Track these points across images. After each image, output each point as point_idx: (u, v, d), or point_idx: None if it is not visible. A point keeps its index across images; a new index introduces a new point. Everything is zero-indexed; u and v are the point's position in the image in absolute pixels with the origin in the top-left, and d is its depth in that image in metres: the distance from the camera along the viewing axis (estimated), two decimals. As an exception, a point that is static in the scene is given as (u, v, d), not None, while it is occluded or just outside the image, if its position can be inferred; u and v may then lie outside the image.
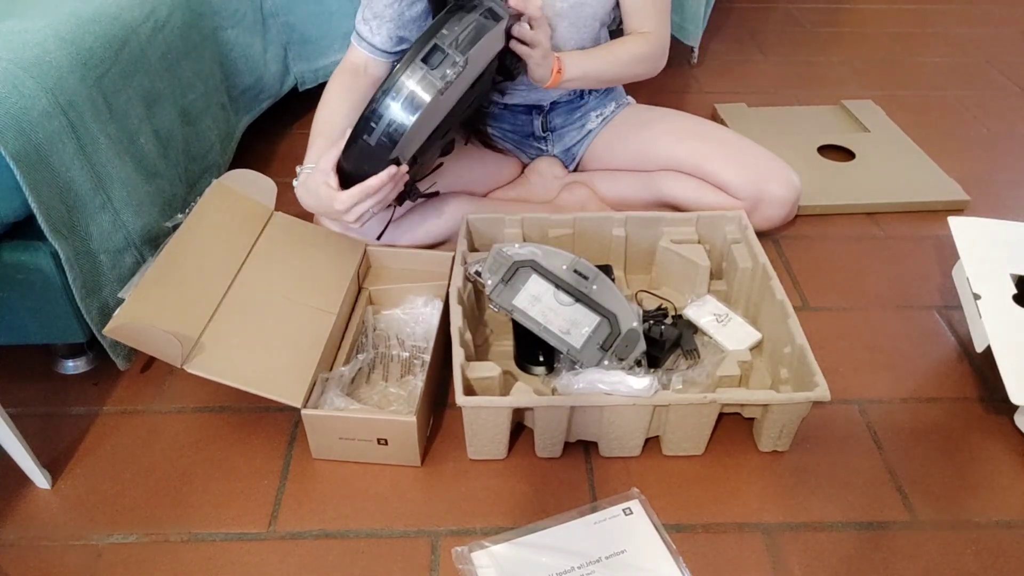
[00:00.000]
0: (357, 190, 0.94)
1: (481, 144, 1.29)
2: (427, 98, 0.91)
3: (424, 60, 0.92)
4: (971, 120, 1.67)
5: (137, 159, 1.03)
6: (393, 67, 0.96)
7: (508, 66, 1.08)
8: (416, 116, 0.91)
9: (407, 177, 0.99)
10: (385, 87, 0.92)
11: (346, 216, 0.96)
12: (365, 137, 0.93)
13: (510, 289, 0.97)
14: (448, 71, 0.92)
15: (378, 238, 1.13)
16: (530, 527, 0.85)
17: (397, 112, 0.91)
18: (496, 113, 1.30)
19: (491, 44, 0.99)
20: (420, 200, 1.19)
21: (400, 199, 1.06)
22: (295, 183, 1.05)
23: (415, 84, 0.91)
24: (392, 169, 0.94)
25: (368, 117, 0.92)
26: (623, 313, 0.95)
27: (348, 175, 0.97)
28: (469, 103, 1.05)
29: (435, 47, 0.92)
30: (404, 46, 1.13)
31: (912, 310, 1.16)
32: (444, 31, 0.93)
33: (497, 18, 0.97)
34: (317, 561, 0.83)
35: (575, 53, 1.12)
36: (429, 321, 1.06)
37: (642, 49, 1.16)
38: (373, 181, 0.93)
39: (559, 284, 0.97)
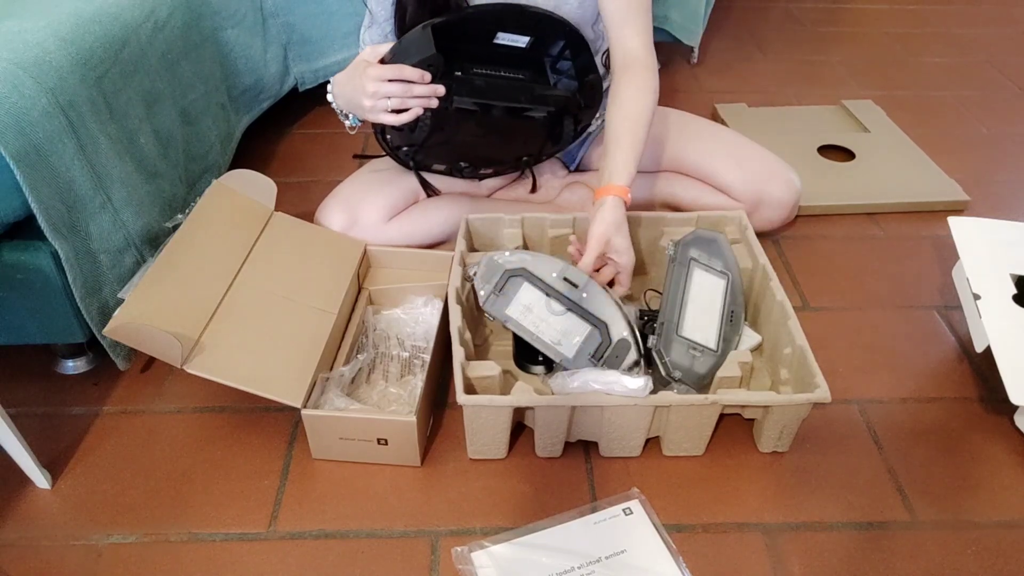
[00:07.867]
0: (395, 66, 0.97)
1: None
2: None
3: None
4: (971, 120, 1.67)
5: (137, 159, 1.03)
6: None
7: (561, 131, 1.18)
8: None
9: (434, 100, 0.99)
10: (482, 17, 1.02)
11: (369, 86, 0.97)
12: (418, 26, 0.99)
13: (503, 298, 0.96)
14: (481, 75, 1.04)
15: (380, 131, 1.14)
16: (530, 527, 0.85)
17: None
18: None
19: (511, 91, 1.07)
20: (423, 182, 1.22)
21: (413, 129, 1.08)
22: (329, 85, 1.09)
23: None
24: (428, 76, 0.97)
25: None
26: (614, 322, 0.95)
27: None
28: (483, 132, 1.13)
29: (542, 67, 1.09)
30: None
31: (912, 310, 1.16)
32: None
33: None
34: (317, 561, 0.83)
35: (618, 172, 1.00)
36: (429, 321, 1.06)
37: (645, 102, 1.04)
38: (409, 70, 0.97)
39: (550, 293, 0.96)
